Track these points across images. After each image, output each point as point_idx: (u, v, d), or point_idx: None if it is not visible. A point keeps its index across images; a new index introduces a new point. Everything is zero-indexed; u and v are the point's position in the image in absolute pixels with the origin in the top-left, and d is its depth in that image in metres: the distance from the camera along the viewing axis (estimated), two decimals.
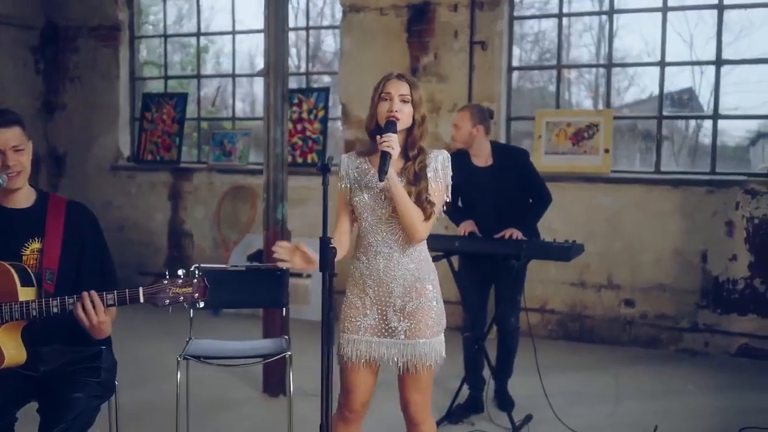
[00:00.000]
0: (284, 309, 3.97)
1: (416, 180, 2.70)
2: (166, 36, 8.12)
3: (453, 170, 4.47)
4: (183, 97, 7.76)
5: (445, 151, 2.83)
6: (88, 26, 7.93)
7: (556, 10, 6.56)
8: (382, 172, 2.56)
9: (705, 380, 5.25)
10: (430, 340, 2.78)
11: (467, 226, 4.32)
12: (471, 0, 6.40)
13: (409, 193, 2.67)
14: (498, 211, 4.31)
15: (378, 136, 2.65)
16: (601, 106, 6.60)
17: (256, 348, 3.69)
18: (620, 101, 10.26)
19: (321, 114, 7.11)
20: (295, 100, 7.21)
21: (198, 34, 7.95)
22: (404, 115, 2.70)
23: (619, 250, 6.10)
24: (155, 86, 8.22)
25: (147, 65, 8.56)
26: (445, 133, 6.54)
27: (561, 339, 6.30)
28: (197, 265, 3.32)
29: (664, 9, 6.07)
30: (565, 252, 4.01)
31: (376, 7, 6.73)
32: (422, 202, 2.68)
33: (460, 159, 4.29)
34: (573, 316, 6.29)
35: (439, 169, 2.76)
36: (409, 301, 2.75)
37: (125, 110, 8.00)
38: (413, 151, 2.75)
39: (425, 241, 2.81)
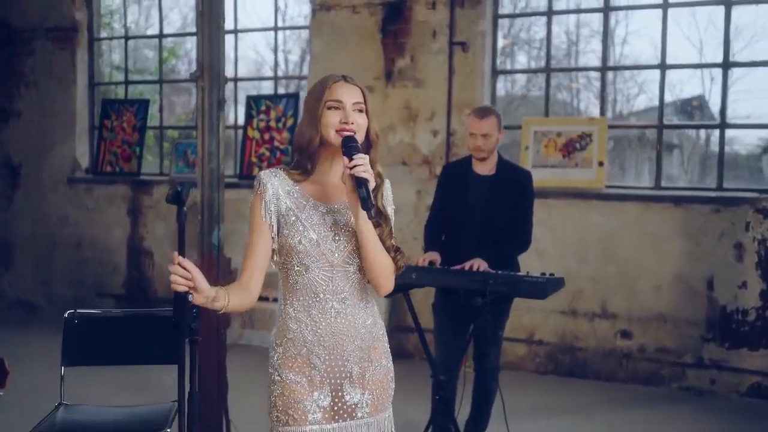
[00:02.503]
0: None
1: (379, 219, 2.08)
2: (127, 38, 7.53)
3: (446, 179, 3.94)
4: (144, 104, 7.17)
5: (387, 180, 2.20)
6: (44, 27, 7.35)
7: (544, 8, 5.94)
8: (370, 206, 1.94)
9: (711, 423, 4.65)
10: (390, 412, 2.23)
11: (429, 257, 3.72)
12: None
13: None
14: (484, 228, 3.73)
15: (346, 159, 1.97)
16: (609, 115, 5.95)
17: (130, 418, 2.93)
18: (629, 109, 9.66)
19: (290, 122, 6.51)
20: (263, 107, 6.61)
21: (160, 36, 7.36)
22: (361, 129, 2.08)
23: (614, 275, 5.45)
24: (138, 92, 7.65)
25: (119, 70, 7.98)
26: (422, 144, 5.93)
27: (550, 373, 5.65)
28: (72, 310, 2.70)
29: (665, 5, 5.42)
30: (540, 288, 3.37)
31: (348, 5, 6.12)
32: (388, 249, 2.10)
33: (459, 168, 3.89)
34: (563, 347, 5.63)
35: (390, 206, 2.20)
36: (368, 367, 2.15)
37: (83, 118, 7.41)
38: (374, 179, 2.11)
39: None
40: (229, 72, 7.17)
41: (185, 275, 1.87)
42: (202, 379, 4.11)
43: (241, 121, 6.82)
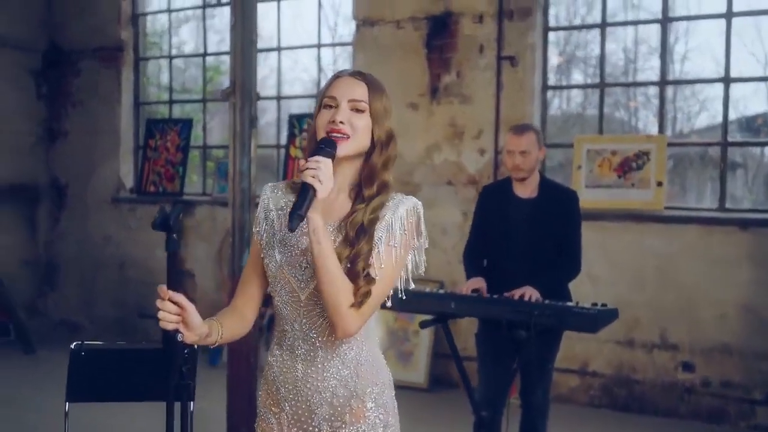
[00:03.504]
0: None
1: (358, 236, 1.76)
2: (171, 57, 7.49)
3: (485, 203, 3.63)
4: (188, 123, 7.09)
5: (416, 200, 1.85)
6: (90, 48, 7.36)
7: (597, 20, 5.64)
8: (295, 216, 1.63)
9: None
10: None
11: (474, 284, 3.45)
12: (498, 9, 5.53)
13: (341, 257, 1.74)
14: (529, 254, 3.46)
15: (301, 161, 1.72)
16: (669, 133, 5.61)
17: None
18: (690, 127, 9.22)
19: None
20: (306, 126, 6.45)
21: (204, 55, 7.29)
22: (358, 132, 1.77)
23: (673, 303, 5.07)
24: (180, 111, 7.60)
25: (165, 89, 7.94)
26: (469, 163, 5.67)
27: (605, 407, 5.29)
28: (80, 342, 2.52)
29: (728, 15, 5.07)
30: (590, 321, 3.08)
31: (392, 19, 5.93)
32: (356, 274, 1.73)
33: (498, 190, 3.63)
34: (619, 380, 5.27)
35: (397, 229, 1.78)
36: (340, 428, 1.82)
37: (128, 137, 7.37)
38: (370, 189, 1.80)
39: (371, 330, 1.87)
40: (272, 91, 7.07)
41: (176, 311, 1.66)
42: (232, 411, 3.93)
43: (283, 140, 6.66)
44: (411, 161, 5.87)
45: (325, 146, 1.73)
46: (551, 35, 5.88)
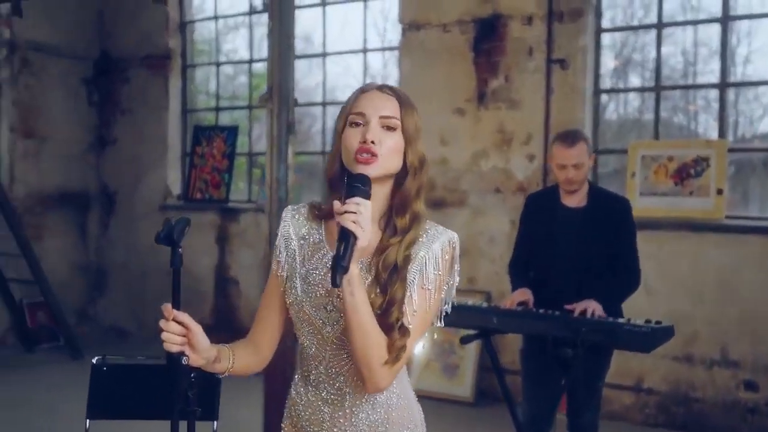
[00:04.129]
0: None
1: (391, 279, 1.58)
2: (218, 64, 7.48)
3: (531, 213, 3.46)
4: (233, 130, 7.06)
5: (451, 234, 1.69)
6: (139, 55, 7.40)
7: (652, 20, 5.39)
8: (339, 268, 1.46)
9: None
10: None
11: (519, 296, 3.28)
12: (548, 10, 5.34)
13: (373, 304, 1.56)
14: (579, 267, 3.27)
15: (336, 203, 1.52)
16: (730, 138, 5.33)
17: None
18: (752, 132, 8.81)
19: None
20: None
21: (250, 62, 7.25)
22: (388, 154, 1.60)
23: (735, 317, 4.79)
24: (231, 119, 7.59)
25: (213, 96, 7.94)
26: (517, 170, 5.49)
27: (662, 426, 5.03)
28: (101, 356, 2.43)
29: None
30: (643, 340, 2.88)
31: (438, 23, 5.79)
32: (390, 326, 1.56)
33: (544, 199, 3.44)
34: (677, 398, 5.01)
35: (431, 270, 1.62)
36: None
37: (175, 144, 7.38)
38: (402, 220, 1.63)
39: (402, 370, 1.68)
40: (318, 97, 6.98)
41: (181, 332, 1.54)
42: (268, 426, 3.82)
43: (329, 148, 6.57)
44: (458, 168, 5.71)
45: (361, 184, 1.55)
46: (607, 38, 5.67)
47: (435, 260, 1.63)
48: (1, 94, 7.11)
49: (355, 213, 1.49)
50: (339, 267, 1.46)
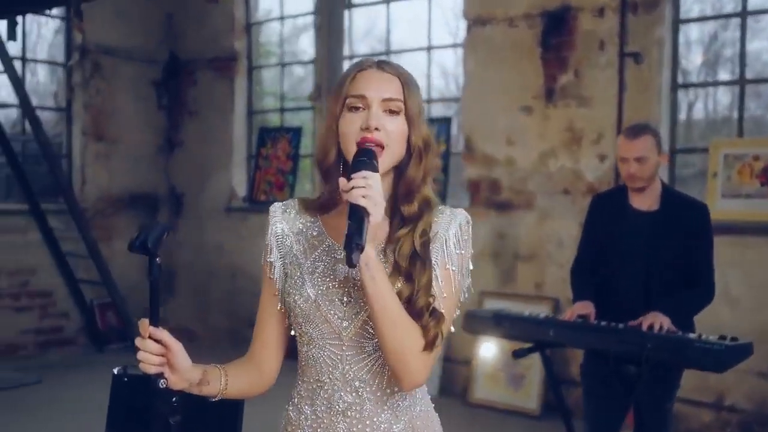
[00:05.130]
0: None
1: (413, 266, 1.44)
2: (283, 65, 7.42)
3: (596, 215, 3.19)
4: (297, 131, 6.98)
5: (465, 213, 1.55)
6: (206, 57, 7.42)
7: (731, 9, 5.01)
8: (354, 247, 1.32)
9: None
10: None
11: (580, 309, 3.03)
12: (621, 1, 5.02)
13: (399, 296, 1.42)
14: (647, 277, 3.01)
15: (342, 180, 1.39)
16: None
17: None
18: None
19: (442, 149, 6.00)
20: None
21: (315, 62, 7.15)
22: (393, 139, 1.46)
23: None
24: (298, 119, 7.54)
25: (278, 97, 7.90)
26: (587, 170, 5.19)
27: None
28: (122, 367, 2.32)
29: None
30: (715, 358, 2.60)
31: (504, 18, 5.54)
32: (419, 312, 1.42)
33: (611, 200, 3.17)
34: (762, 417, 4.62)
35: (453, 248, 1.49)
36: None
37: (241, 146, 7.36)
38: (410, 207, 1.49)
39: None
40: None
41: (159, 351, 1.40)
42: None
43: None
44: (525, 169, 5.46)
45: (367, 158, 1.41)
46: (695, 32, 5.33)
47: (456, 238, 1.51)
48: (74, 98, 7.24)
49: (364, 187, 1.35)
50: (354, 245, 1.32)
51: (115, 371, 2.29)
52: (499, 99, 5.51)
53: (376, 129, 1.44)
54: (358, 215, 1.34)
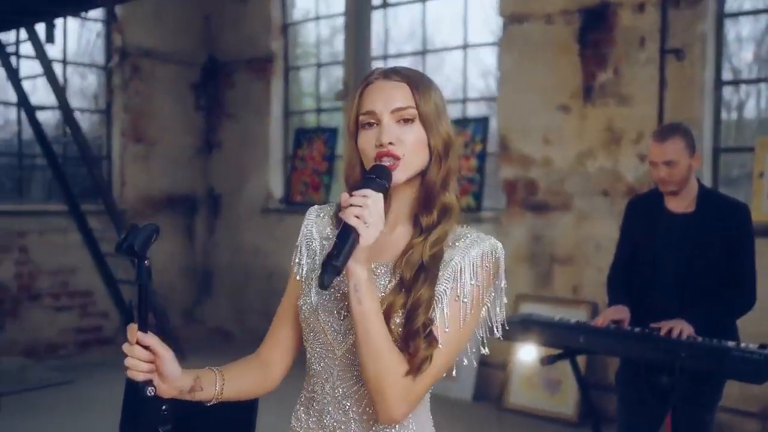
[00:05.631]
0: None
1: (416, 279, 1.37)
2: (319, 65, 7.39)
3: (631, 218, 3.08)
4: (333, 132, 6.95)
5: (495, 242, 1.44)
6: (243, 59, 7.43)
7: None
8: (329, 267, 1.26)
9: None
10: None
11: (614, 314, 2.92)
12: None
13: (392, 309, 1.36)
14: (683, 281, 2.89)
15: (344, 195, 1.35)
16: None
17: None
18: None
19: (478, 149, 5.90)
20: None
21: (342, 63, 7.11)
22: (411, 149, 1.39)
23: None
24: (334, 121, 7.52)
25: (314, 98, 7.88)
26: (627, 171, 5.04)
27: None
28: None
29: None
30: (754, 369, 2.46)
31: (541, 14, 5.42)
32: (415, 333, 1.35)
33: (647, 202, 3.07)
34: None
35: (467, 279, 1.39)
36: None
37: (277, 147, 7.36)
38: (429, 217, 1.42)
39: (423, 404, 1.46)
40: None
41: (147, 358, 1.35)
42: None
43: None
44: (562, 169, 5.33)
45: (377, 176, 1.35)
46: (747, 28, 5.13)
47: (472, 268, 1.40)
48: (114, 100, 7.33)
49: (360, 207, 1.29)
50: (329, 266, 1.26)
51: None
52: (536, 98, 5.39)
53: (390, 144, 1.39)
54: (346, 235, 1.29)
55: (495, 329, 1.46)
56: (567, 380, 5.15)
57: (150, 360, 1.34)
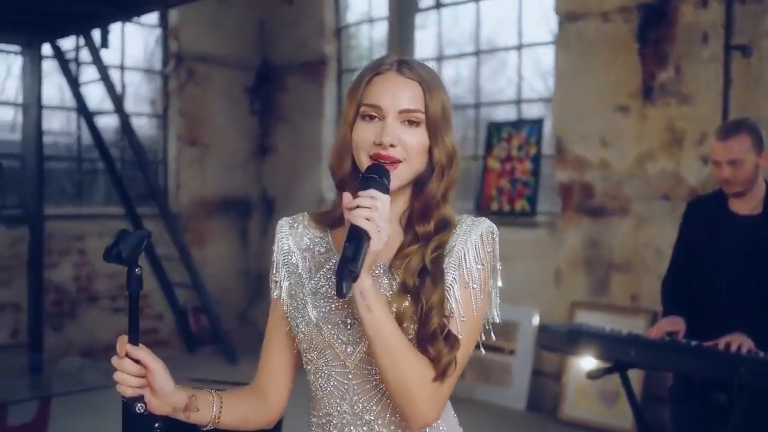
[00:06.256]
0: None
1: (421, 284, 1.29)
2: None
3: (691, 221, 2.93)
4: None
5: (489, 222, 1.36)
6: (297, 63, 7.42)
7: None
8: (346, 274, 1.18)
9: None
10: None
11: (668, 325, 2.74)
12: None
13: (402, 317, 1.28)
14: (747, 290, 2.70)
15: (347, 195, 1.26)
16: None
17: None
18: None
19: (533, 151, 5.73)
20: (504, 135, 5.93)
21: None
22: (412, 153, 1.32)
23: None
24: None
25: None
26: (689, 174, 4.82)
27: None
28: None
29: None
30: None
31: (597, 12, 5.23)
32: (432, 335, 1.27)
33: (708, 205, 2.88)
34: None
35: (473, 263, 1.31)
36: None
37: (329, 150, 7.31)
38: (425, 226, 1.33)
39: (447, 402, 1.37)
40: (469, 98, 6.62)
41: (137, 372, 1.28)
42: None
43: (481, 150, 6.18)
44: (620, 172, 5.13)
45: (379, 176, 1.26)
46: None
47: (476, 252, 1.33)
48: (170, 104, 7.41)
49: (369, 208, 1.20)
50: (346, 272, 1.18)
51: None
52: (593, 98, 5.20)
53: (392, 146, 1.30)
54: (358, 238, 1.20)
55: (495, 313, 1.37)
56: (624, 392, 4.94)
57: (140, 374, 1.27)
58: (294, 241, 1.45)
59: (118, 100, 6.34)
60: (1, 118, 7.39)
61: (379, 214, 1.21)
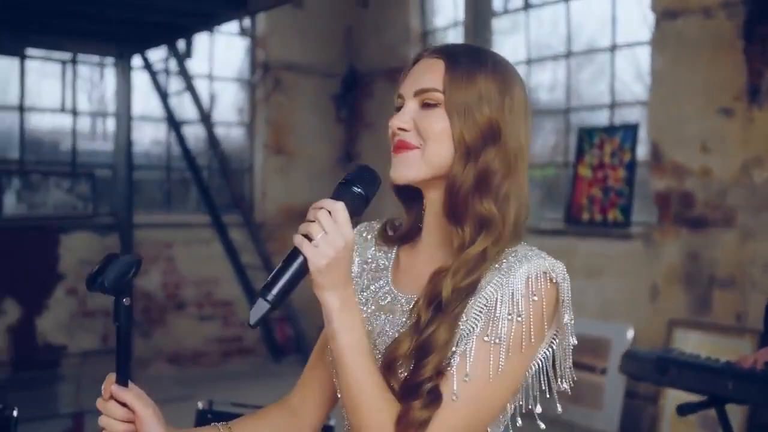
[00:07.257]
0: None
1: (433, 317, 1.08)
2: None
3: None
4: None
5: (552, 262, 1.10)
6: (383, 69, 7.30)
7: None
8: (256, 304, 1.09)
9: None
10: None
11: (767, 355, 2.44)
12: None
13: (395, 353, 1.11)
14: None
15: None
16: None
17: None
18: None
19: (627, 157, 5.39)
20: (596, 141, 5.60)
21: None
22: (428, 137, 1.17)
23: None
24: None
25: None
26: None
27: None
28: (208, 402, 2.11)
29: None
30: None
31: (699, 7, 4.85)
32: (416, 386, 1.06)
33: None
34: None
35: (505, 314, 1.07)
36: None
37: None
38: (460, 235, 1.14)
39: None
40: (560, 102, 6.31)
41: (124, 417, 1.13)
42: None
43: (572, 157, 5.87)
44: (724, 180, 4.73)
45: (354, 180, 1.15)
46: None
47: (512, 298, 1.07)
48: (256, 113, 7.44)
49: (312, 222, 1.06)
50: (257, 299, 1.05)
51: (200, 406, 2.11)
52: (693, 100, 4.83)
53: (403, 130, 1.16)
54: (290, 258, 1.06)
55: (559, 381, 1.13)
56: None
57: (128, 419, 1.12)
58: (359, 251, 1.34)
59: (203, 109, 6.39)
60: (96, 129, 7.59)
61: (317, 227, 1.06)
